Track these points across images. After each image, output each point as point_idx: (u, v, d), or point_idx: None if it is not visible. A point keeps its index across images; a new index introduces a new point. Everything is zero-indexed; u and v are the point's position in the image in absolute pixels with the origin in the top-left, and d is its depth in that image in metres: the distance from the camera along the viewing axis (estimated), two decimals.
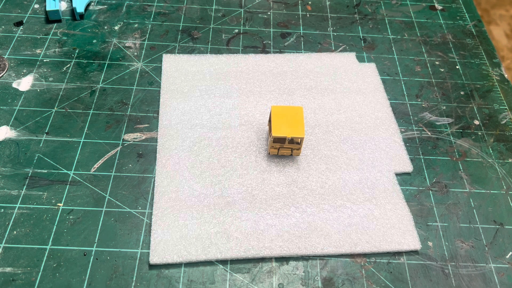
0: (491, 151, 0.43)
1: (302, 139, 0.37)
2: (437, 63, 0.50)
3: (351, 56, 0.50)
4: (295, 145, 0.38)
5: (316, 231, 0.36)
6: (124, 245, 0.35)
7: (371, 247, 0.35)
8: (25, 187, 0.37)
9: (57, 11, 0.50)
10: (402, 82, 0.48)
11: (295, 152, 0.39)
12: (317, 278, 0.34)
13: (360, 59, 0.50)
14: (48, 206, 0.36)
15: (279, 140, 0.38)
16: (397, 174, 0.40)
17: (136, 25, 0.52)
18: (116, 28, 0.51)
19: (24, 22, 0.51)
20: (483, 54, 0.52)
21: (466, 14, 0.57)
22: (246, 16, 0.54)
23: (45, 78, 0.45)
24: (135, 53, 0.49)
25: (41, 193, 0.37)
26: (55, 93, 0.44)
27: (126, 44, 0.49)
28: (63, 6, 0.53)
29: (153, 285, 0.33)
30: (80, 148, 0.40)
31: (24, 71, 0.46)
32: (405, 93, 0.47)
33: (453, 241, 0.36)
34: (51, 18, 0.51)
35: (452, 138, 0.43)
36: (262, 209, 0.37)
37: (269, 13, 0.55)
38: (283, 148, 0.38)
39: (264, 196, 0.38)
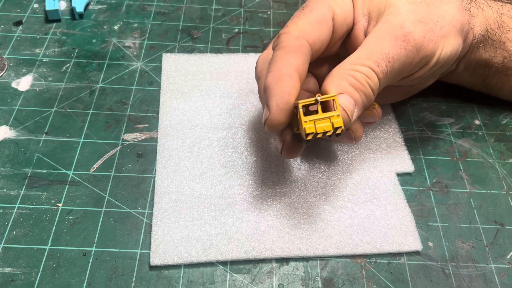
0: (491, 151, 0.43)
1: (335, 99, 0.30)
2: None
3: None
4: (332, 113, 0.30)
5: (317, 232, 0.36)
6: (124, 245, 0.35)
7: (372, 248, 0.35)
8: (24, 187, 0.37)
9: (56, 11, 0.50)
10: None
11: (336, 123, 0.30)
12: (317, 278, 0.34)
13: None
14: (47, 206, 0.36)
15: (309, 111, 0.30)
16: (398, 174, 0.40)
17: (135, 25, 0.52)
18: (115, 27, 0.51)
19: (23, 21, 0.51)
20: None
21: None
22: (246, 15, 0.54)
23: (45, 77, 0.45)
24: (135, 53, 0.48)
25: (41, 193, 0.37)
26: (55, 93, 0.44)
27: (126, 44, 0.49)
28: (63, 5, 0.53)
29: (153, 286, 0.33)
30: (79, 148, 0.40)
31: (23, 70, 0.46)
32: None
33: (454, 241, 0.36)
34: (51, 17, 0.51)
35: (452, 138, 0.43)
36: (263, 210, 0.37)
37: (269, 12, 0.55)
38: (320, 121, 0.30)
39: (265, 197, 0.37)
